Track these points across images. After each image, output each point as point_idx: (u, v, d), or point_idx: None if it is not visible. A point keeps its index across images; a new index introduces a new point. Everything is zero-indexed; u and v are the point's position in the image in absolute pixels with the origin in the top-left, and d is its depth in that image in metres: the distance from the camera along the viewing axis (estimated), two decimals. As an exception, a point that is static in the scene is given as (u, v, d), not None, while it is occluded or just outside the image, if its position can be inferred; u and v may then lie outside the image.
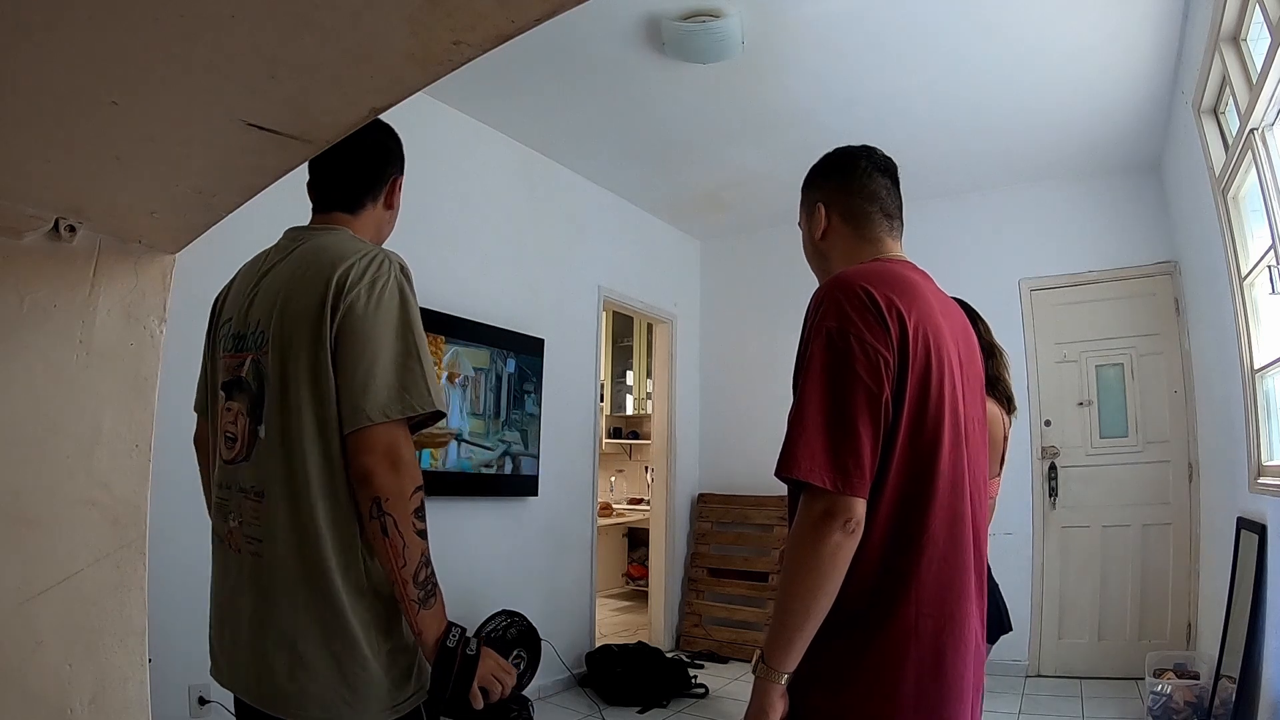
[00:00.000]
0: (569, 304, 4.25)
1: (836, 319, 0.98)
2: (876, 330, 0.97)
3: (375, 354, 1.01)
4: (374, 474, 0.98)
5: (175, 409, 1.59)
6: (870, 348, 0.96)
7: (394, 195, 1.27)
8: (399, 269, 1.08)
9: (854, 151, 1.22)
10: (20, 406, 1.30)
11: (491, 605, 3.44)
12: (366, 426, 0.98)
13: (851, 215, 1.18)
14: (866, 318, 0.97)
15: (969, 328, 1.18)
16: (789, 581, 0.95)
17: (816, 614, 0.94)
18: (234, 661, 1.08)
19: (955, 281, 2.24)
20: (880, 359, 0.95)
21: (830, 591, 0.93)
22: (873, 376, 0.95)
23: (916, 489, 0.97)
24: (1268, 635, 2.36)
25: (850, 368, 0.95)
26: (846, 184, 1.19)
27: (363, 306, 1.02)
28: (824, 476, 0.92)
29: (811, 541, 0.93)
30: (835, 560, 0.92)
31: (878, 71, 3.20)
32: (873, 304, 0.98)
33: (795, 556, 0.95)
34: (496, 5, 0.74)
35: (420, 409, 1.02)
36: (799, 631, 0.94)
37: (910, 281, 1.07)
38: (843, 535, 0.92)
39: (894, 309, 0.98)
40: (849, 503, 0.92)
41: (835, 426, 0.94)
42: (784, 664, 0.95)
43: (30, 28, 0.79)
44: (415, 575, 1.00)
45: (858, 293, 0.99)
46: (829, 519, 0.92)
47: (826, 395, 0.96)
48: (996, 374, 1.95)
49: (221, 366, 1.16)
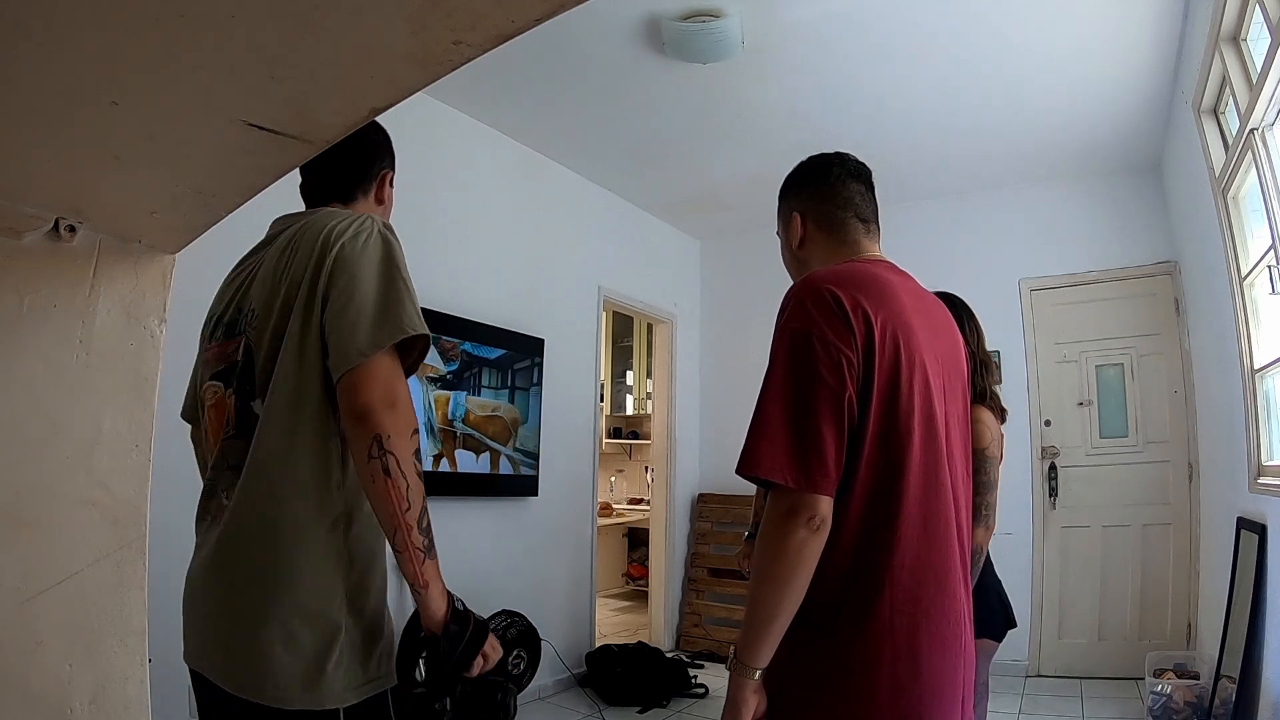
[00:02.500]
0: (569, 304, 4.25)
1: (800, 320, 1.00)
2: (840, 331, 0.98)
3: (363, 291, 1.00)
4: (373, 410, 0.94)
5: (175, 409, 1.59)
6: (833, 348, 0.97)
7: (384, 190, 1.26)
8: (384, 226, 1.08)
9: (827, 159, 1.24)
10: (20, 406, 1.30)
11: (491, 605, 3.44)
12: (360, 364, 0.96)
13: (827, 222, 1.20)
14: (830, 319, 0.99)
15: (951, 324, 1.19)
16: (757, 579, 0.97)
17: (785, 610, 0.95)
18: (200, 638, 1.06)
19: (955, 282, 2.25)
20: (843, 358, 0.97)
21: (798, 588, 0.95)
22: (835, 376, 0.96)
23: (886, 488, 0.98)
24: (1268, 635, 2.36)
25: (812, 368, 0.97)
26: (820, 191, 1.21)
27: (349, 251, 1.02)
28: (786, 474, 0.94)
29: (777, 539, 0.94)
30: (801, 557, 0.94)
31: (878, 72, 3.20)
32: (837, 305, 0.99)
33: (762, 554, 0.96)
34: (496, 5, 0.74)
35: (409, 330, 1.00)
36: (767, 628, 0.96)
37: (881, 281, 1.07)
38: (807, 532, 0.93)
39: (860, 309, 0.99)
40: (812, 500, 0.94)
41: (797, 425, 0.96)
42: (755, 660, 0.97)
43: (30, 28, 0.80)
44: (419, 521, 0.96)
45: (822, 294, 1.01)
46: (792, 516, 0.94)
47: (789, 395, 0.97)
48: (987, 387, 1.96)
49: (212, 358, 1.14)
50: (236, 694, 0.98)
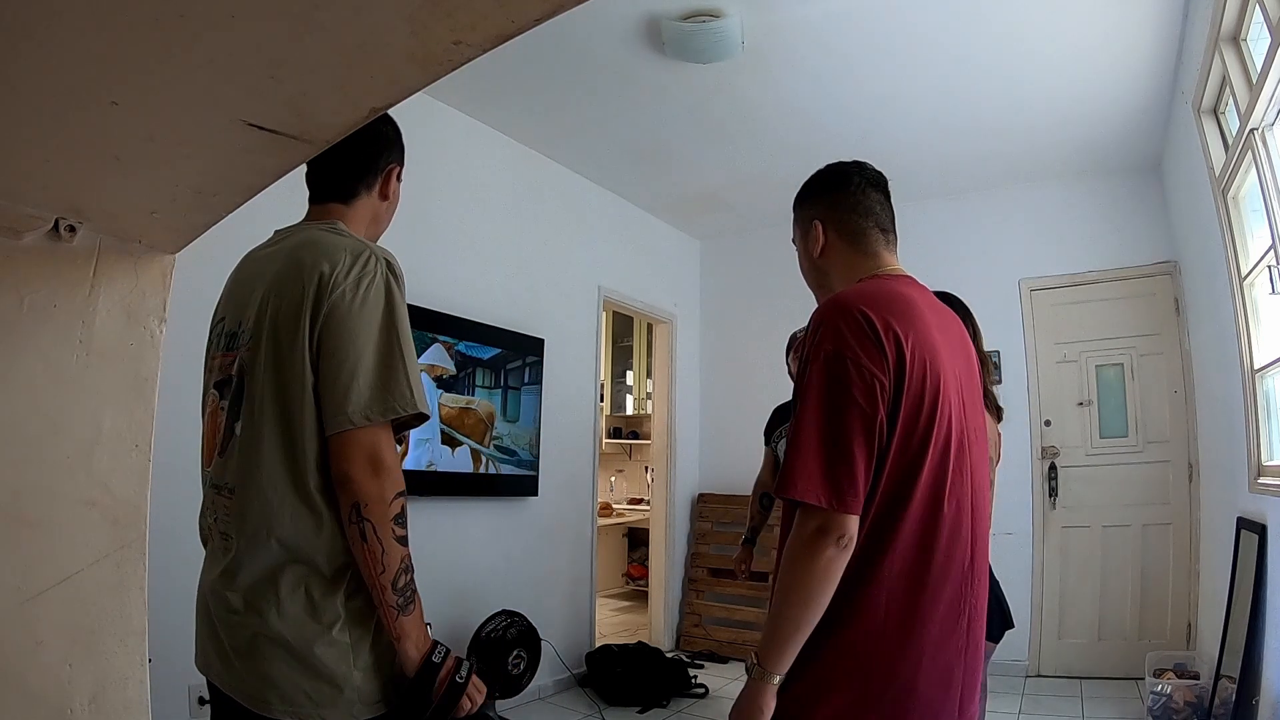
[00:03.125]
0: (569, 304, 4.25)
1: (834, 343, 1.01)
2: (873, 354, 0.99)
3: (359, 355, 0.99)
4: (353, 479, 0.96)
5: (175, 409, 1.60)
6: (866, 371, 0.99)
7: (389, 185, 1.22)
8: (387, 266, 1.05)
9: (846, 168, 1.23)
10: (20, 406, 1.30)
11: (491, 605, 3.44)
12: (348, 430, 0.97)
13: (848, 231, 1.19)
14: (864, 342, 1.00)
15: (965, 338, 1.20)
16: (785, 592, 0.99)
17: (809, 622, 0.99)
18: (209, 651, 1.08)
19: (956, 282, 2.24)
20: (876, 382, 0.99)
21: (823, 603, 0.98)
22: (868, 400, 0.98)
23: (894, 499, 1.00)
24: (1268, 635, 2.36)
25: (846, 391, 0.99)
26: (841, 200, 1.20)
27: (347, 305, 1.00)
28: (819, 495, 0.97)
29: (807, 557, 0.97)
30: (828, 574, 0.97)
31: (878, 71, 3.20)
32: (870, 328, 1.00)
33: (790, 569, 0.99)
34: (496, 5, 0.74)
35: (402, 411, 1.00)
36: (791, 639, 0.99)
37: (908, 301, 1.09)
38: (835, 550, 0.97)
39: (891, 332, 1.01)
40: (842, 519, 0.97)
41: (831, 448, 0.98)
42: (778, 666, 1.00)
43: (30, 28, 0.79)
44: (394, 582, 0.98)
45: (856, 316, 1.01)
46: (823, 535, 0.97)
47: (823, 418, 0.99)
48: (987, 388, 1.98)
49: (216, 367, 1.15)
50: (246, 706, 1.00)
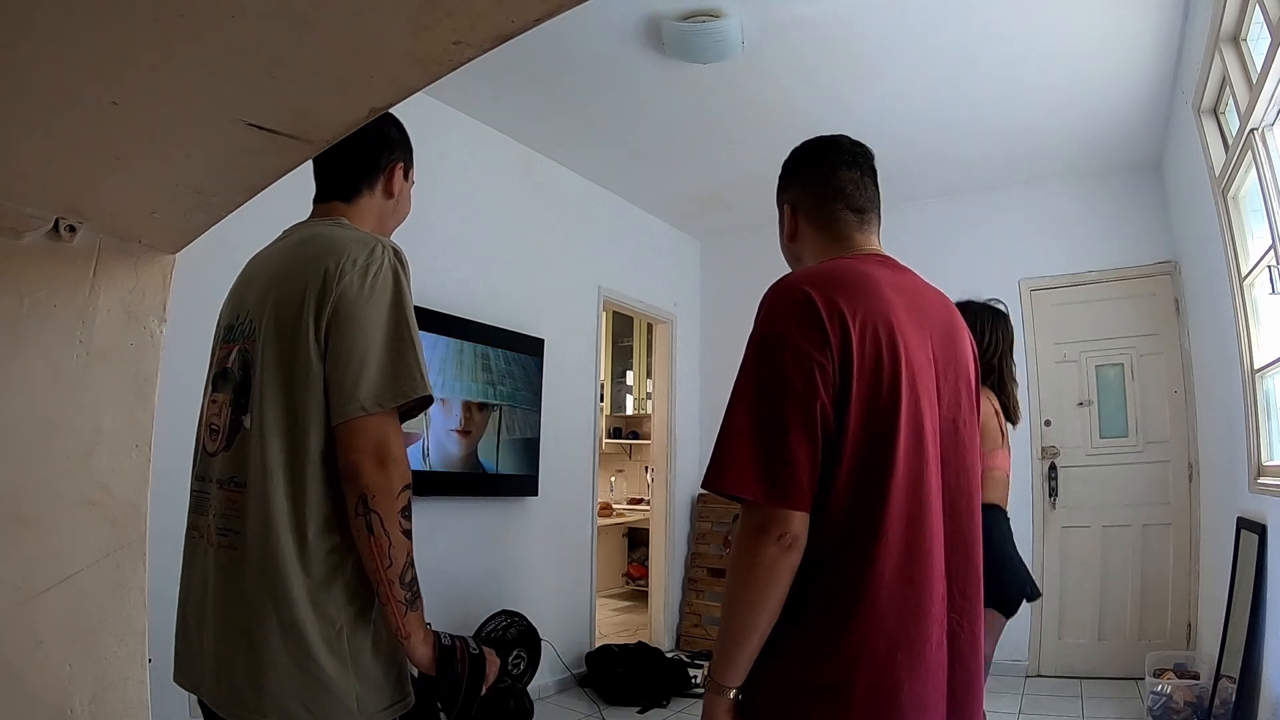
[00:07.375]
0: (569, 304, 4.25)
1: (770, 325, 0.94)
2: (811, 333, 0.91)
3: (369, 343, 0.99)
4: (361, 470, 0.95)
5: (175, 409, 1.59)
6: (803, 353, 0.90)
7: (393, 183, 1.21)
8: (393, 254, 1.05)
9: (820, 144, 1.17)
10: (20, 406, 1.30)
11: (491, 605, 3.44)
12: (357, 417, 0.96)
13: (817, 215, 1.14)
14: (802, 323, 0.91)
15: (954, 322, 1.09)
16: (728, 597, 0.92)
17: (758, 630, 0.90)
18: (197, 662, 1.05)
19: (955, 281, 2.24)
20: (814, 364, 0.89)
21: (770, 608, 0.89)
22: (805, 382, 0.89)
23: (868, 501, 0.90)
24: (1268, 635, 2.36)
25: (780, 374, 0.90)
26: (810, 183, 1.15)
27: (356, 294, 1.00)
28: (754, 489, 0.88)
29: (747, 557, 0.89)
30: (773, 576, 0.88)
31: (877, 71, 3.20)
32: (809, 307, 0.92)
33: (732, 572, 0.91)
34: (496, 5, 0.74)
35: (411, 394, 1.00)
36: (739, 648, 0.91)
37: (864, 277, 1.00)
38: (778, 550, 0.87)
39: (835, 311, 0.92)
40: (784, 515, 0.87)
41: (765, 436, 0.89)
42: (728, 679, 0.93)
43: (30, 28, 0.79)
44: (401, 576, 0.97)
45: (796, 297, 0.94)
46: (762, 533, 0.88)
47: (755, 404, 0.91)
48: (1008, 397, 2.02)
49: (215, 359, 1.14)
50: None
